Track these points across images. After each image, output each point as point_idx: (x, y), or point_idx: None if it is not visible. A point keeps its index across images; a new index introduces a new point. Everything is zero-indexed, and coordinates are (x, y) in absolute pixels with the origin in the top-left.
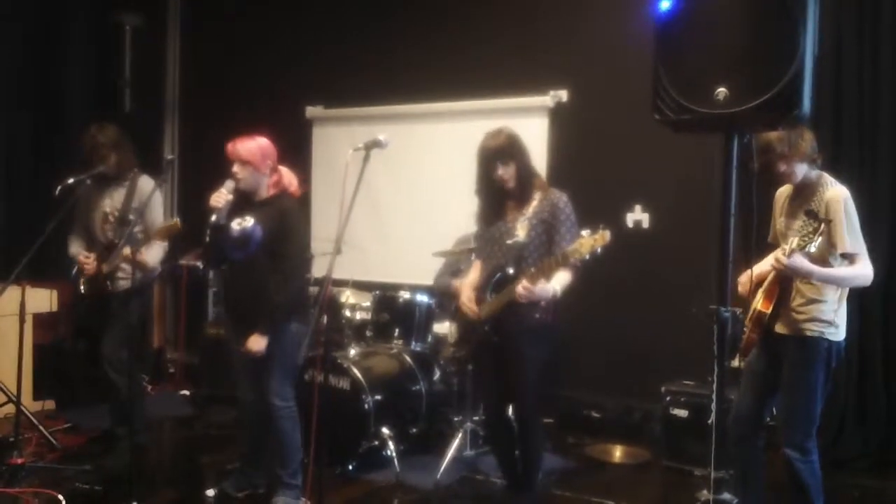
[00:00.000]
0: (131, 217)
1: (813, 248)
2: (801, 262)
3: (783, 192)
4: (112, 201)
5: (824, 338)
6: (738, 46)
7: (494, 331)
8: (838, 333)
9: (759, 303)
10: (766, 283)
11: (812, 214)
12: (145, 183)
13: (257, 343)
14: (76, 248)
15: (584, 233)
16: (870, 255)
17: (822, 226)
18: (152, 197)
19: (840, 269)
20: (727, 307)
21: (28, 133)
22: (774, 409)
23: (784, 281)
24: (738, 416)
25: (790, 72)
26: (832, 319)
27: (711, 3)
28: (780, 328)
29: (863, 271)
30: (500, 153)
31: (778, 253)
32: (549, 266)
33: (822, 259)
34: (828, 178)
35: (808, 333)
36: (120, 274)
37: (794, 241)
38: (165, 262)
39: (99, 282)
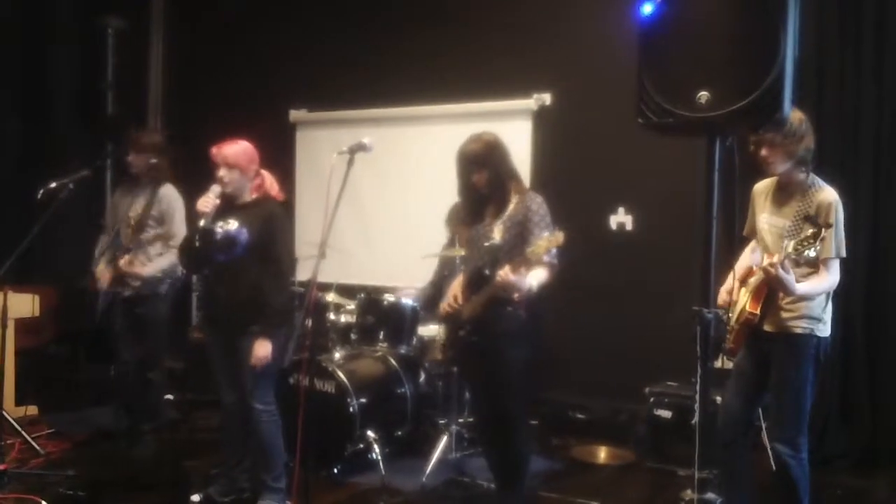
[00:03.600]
0: (150, 223)
1: (812, 253)
2: (789, 279)
3: (762, 187)
4: (135, 207)
5: (814, 334)
6: (720, 51)
7: (474, 332)
8: (826, 329)
9: (746, 304)
10: (752, 284)
11: (812, 220)
12: (167, 191)
13: (264, 348)
14: (99, 251)
15: (545, 234)
16: (851, 257)
17: (823, 231)
18: (174, 206)
19: (815, 284)
20: (710, 308)
21: (11, 135)
22: (761, 410)
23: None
24: (727, 416)
25: (771, 76)
26: (820, 316)
27: (694, 7)
28: (768, 327)
29: (832, 279)
30: (474, 160)
31: (771, 259)
32: (516, 267)
33: (814, 262)
34: (817, 179)
35: (798, 331)
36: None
37: (789, 245)
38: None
39: (118, 285)
